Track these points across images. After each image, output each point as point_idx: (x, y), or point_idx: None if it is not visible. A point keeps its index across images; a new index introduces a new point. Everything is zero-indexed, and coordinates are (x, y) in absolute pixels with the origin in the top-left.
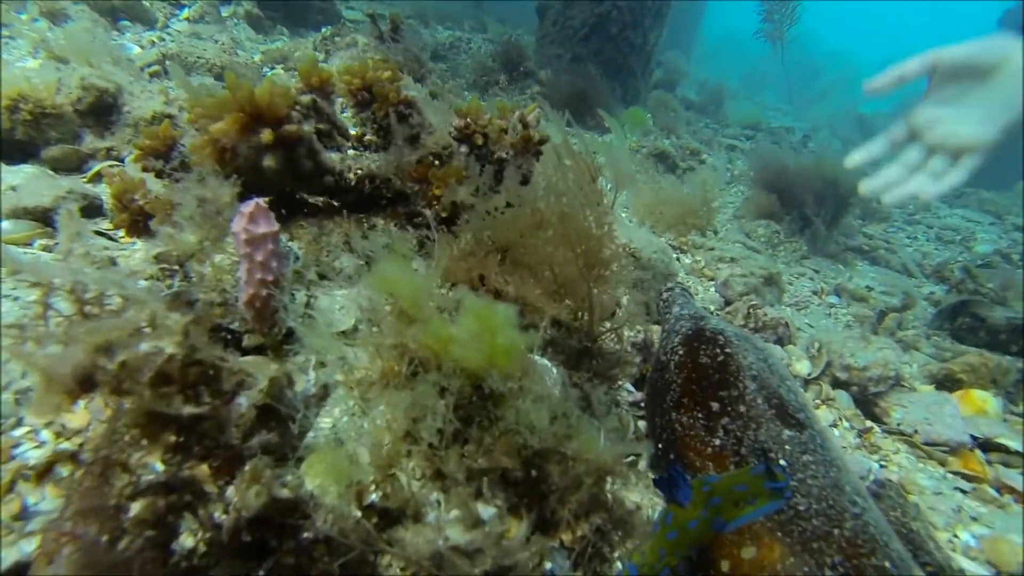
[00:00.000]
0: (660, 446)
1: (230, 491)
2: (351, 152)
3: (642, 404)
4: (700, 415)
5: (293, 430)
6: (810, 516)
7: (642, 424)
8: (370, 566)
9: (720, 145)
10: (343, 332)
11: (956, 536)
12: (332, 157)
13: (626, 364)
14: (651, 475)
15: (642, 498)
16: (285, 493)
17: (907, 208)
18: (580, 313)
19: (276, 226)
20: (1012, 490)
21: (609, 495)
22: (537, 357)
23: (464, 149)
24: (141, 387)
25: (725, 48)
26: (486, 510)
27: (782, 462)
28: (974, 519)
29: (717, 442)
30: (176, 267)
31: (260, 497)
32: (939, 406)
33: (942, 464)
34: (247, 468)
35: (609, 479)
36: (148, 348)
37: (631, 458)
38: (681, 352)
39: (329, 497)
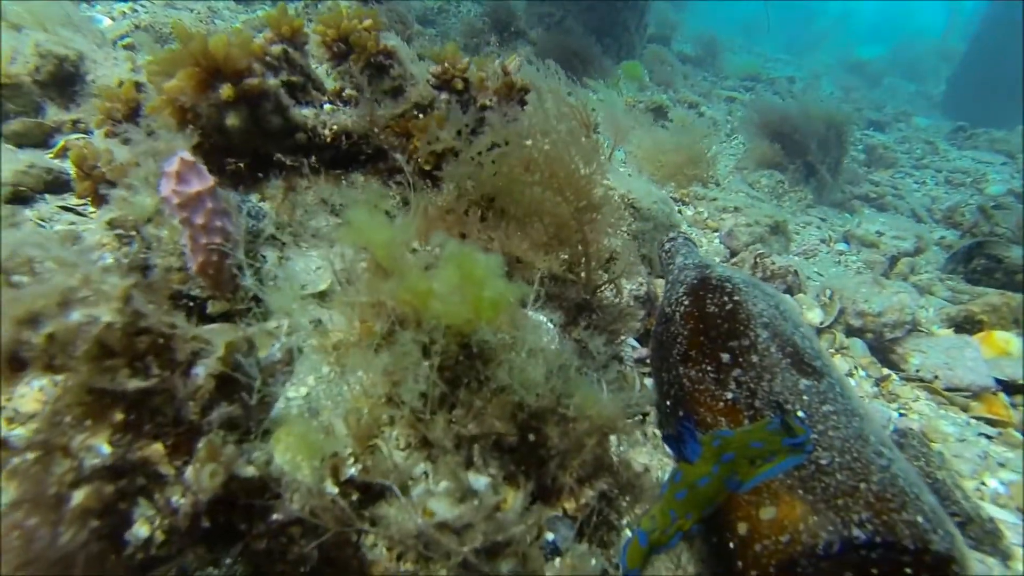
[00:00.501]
0: (668, 403)
1: (189, 472)
2: (327, 107)
3: (647, 360)
4: (710, 368)
5: (251, 401)
6: (833, 471)
7: (648, 381)
8: (352, 547)
9: (719, 97)
10: (320, 294)
11: (984, 484)
12: (304, 113)
13: (628, 317)
14: (659, 433)
15: (651, 459)
16: (250, 471)
17: (914, 152)
18: (575, 263)
19: (210, 180)
20: None
21: (615, 457)
22: (531, 312)
23: (445, 96)
24: (77, 362)
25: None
26: (478, 480)
27: (800, 413)
28: (1001, 465)
29: (729, 395)
30: (133, 233)
31: (217, 477)
32: (959, 350)
33: (965, 410)
34: (201, 446)
35: (614, 438)
36: (80, 317)
37: (638, 417)
38: (687, 302)
39: (301, 473)
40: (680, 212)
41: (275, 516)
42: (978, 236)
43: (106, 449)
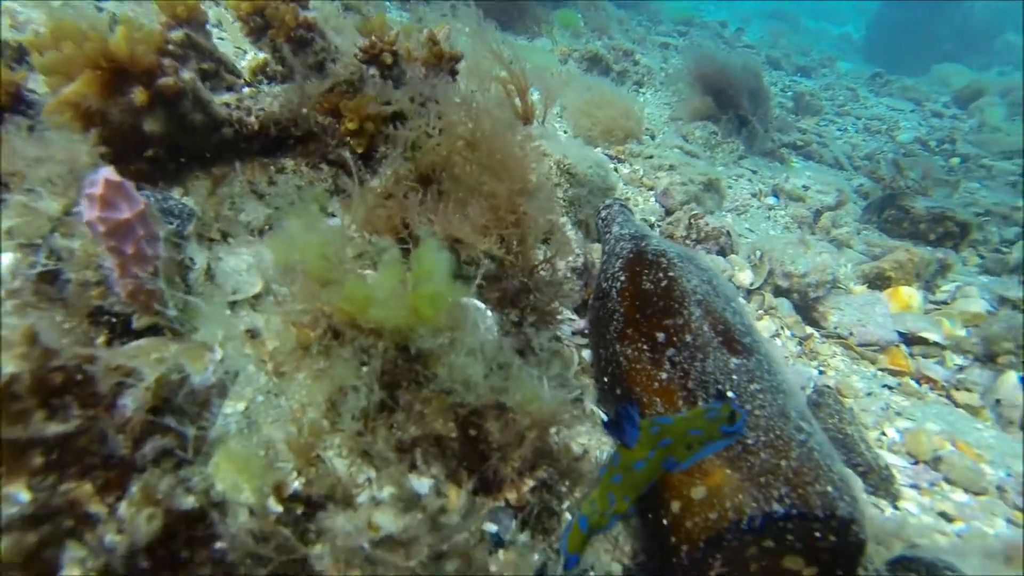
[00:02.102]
0: (606, 380)
1: (123, 508)
2: (246, 90)
3: (585, 332)
4: (645, 347)
5: (188, 433)
6: (758, 449)
7: (586, 354)
8: (299, 564)
9: (653, 44)
10: (254, 296)
11: (884, 434)
12: (226, 99)
13: (566, 297)
14: (596, 411)
15: (589, 439)
16: (190, 502)
17: (837, 99)
18: (512, 243)
19: (140, 202)
20: (930, 380)
21: (555, 444)
22: (471, 300)
23: (373, 71)
24: None
25: None
26: (422, 483)
27: (731, 394)
28: (899, 414)
29: (664, 376)
30: (39, 240)
31: (155, 521)
32: (871, 306)
33: (873, 363)
34: (135, 488)
35: (554, 428)
36: None
37: (576, 393)
38: (623, 278)
39: (244, 495)
40: (616, 170)
41: (218, 545)
42: (892, 188)
43: (25, 496)
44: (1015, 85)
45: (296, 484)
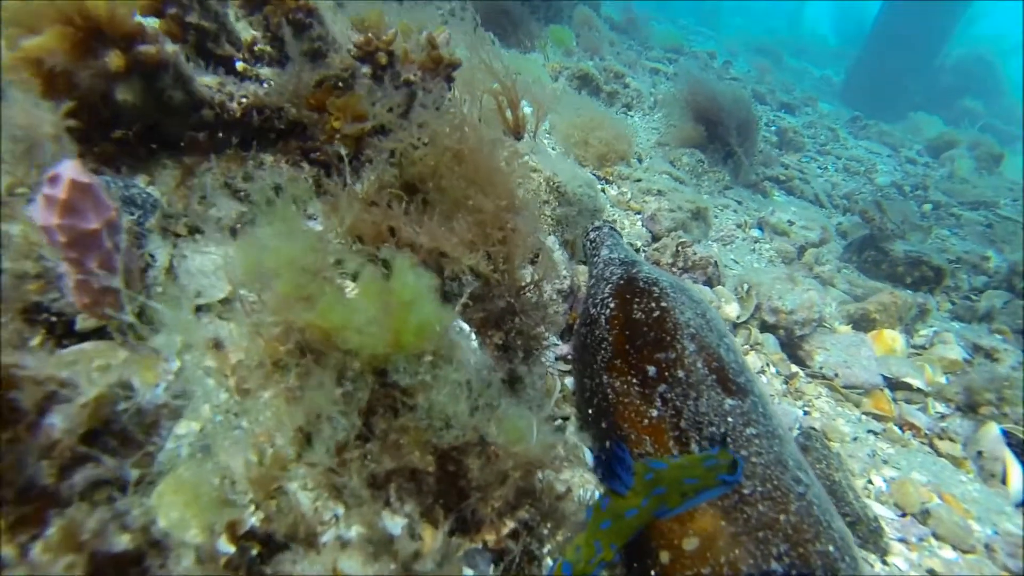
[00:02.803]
0: (591, 412)
1: (37, 550)
2: (239, 65)
3: (569, 358)
4: (635, 380)
5: (128, 475)
6: (755, 501)
7: (569, 382)
8: None
9: (644, 68)
10: (220, 302)
11: (871, 483)
12: (208, 82)
13: (552, 323)
14: (580, 445)
15: (572, 475)
16: (124, 542)
17: (819, 138)
18: (499, 261)
19: (111, 208)
20: (913, 426)
21: (538, 482)
22: (455, 322)
23: (366, 70)
24: None
25: None
26: (394, 523)
27: (724, 441)
28: (885, 462)
29: (655, 413)
30: None
31: (74, 572)
32: (856, 348)
33: (857, 406)
34: (54, 530)
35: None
36: None
37: (558, 422)
38: (612, 305)
39: (190, 534)
40: (604, 191)
41: None
42: (881, 229)
43: None
44: (982, 141)
45: (253, 520)
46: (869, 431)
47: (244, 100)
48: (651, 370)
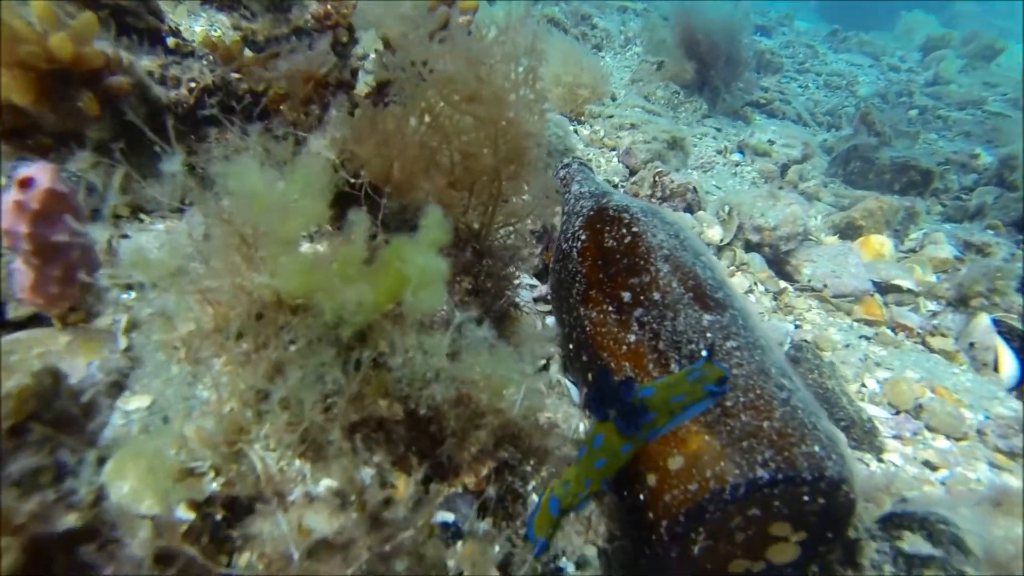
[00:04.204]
0: (571, 346)
1: None
2: (170, 41)
3: (548, 298)
4: (611, 308)
5: (64, 453)
6: (738, 412)
7: (550, 321)
8: None
9: (612, 8)
10: (168, 276)
11: (864, 386)
12: (148, 66)
13: (522, 260)
14: (564, 382)
15: (556, 412)
16: (71, 521)
17: (797, 56)
18: (479, 210)
19: (83, 222)
20: (905, 327)
21: (519, 422)
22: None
23: (324, 46)
24: None
25: None
26: (364, 473)
27: (704, 353)
28: (878, 364)
29: (632, 338)
30: None
31: (7, 556)
32: (844, 256)
33: (848, 314)
34: None
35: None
36: None
37: (541, 362)
38: (584, 237)
39: (145, 505)
40: (576, 132)
41: (109, 570)
42: (868, 134)
43: None
44: (977, 34)
45: (213, 486)
46: (861, 336)
47: (193, 85)
48: (626, 296)
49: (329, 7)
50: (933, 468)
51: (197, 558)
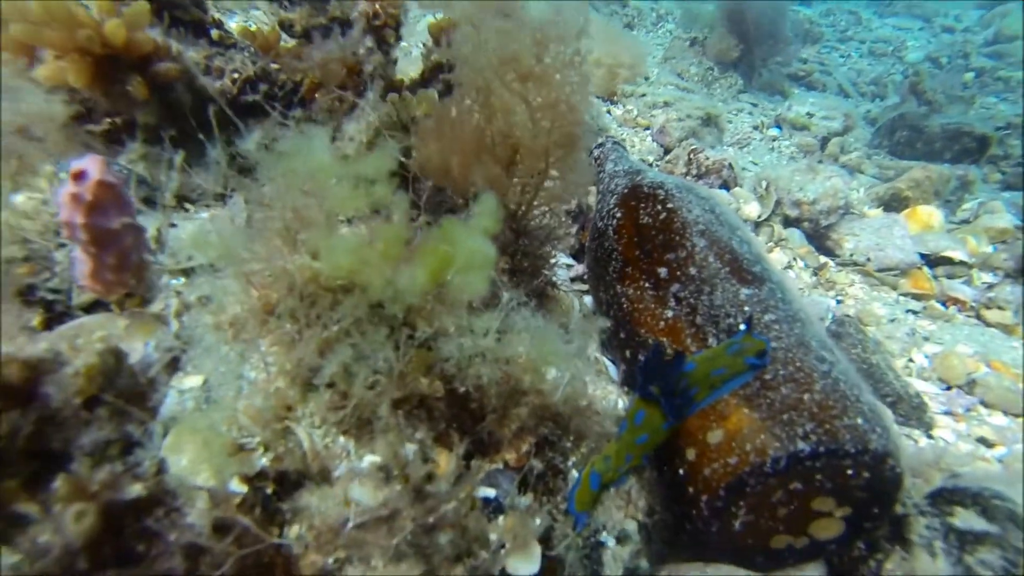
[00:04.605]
0: (609, 324)
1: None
2: (214, 33)
3: (585, 277)
4: (647, 284)
5: (130, 427)
6: (778, 384)
7: (588, 300)
8: (272, 548)
9: None
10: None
11: (911, 361)
12: (194, 57)
13: (557, 240)
14: (603, 360)
15: (594, 388)
16: (137, 490)
17: (839, 25)
18: (517, 190)
19: (132, 208)
20: (956, 300)
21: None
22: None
23: (369, 42)
24: None
25: None
26: (406, 449)
27: (742, 326)
28: (926, 339)
29: (669, 313)
30: None
31: (86, 519)
32: (888, 229)
33: (894, 288)
34: (57, 484)
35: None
36: None
37: (592, 348)
38: (619, 215)
39: (202, 478)
40: (609, 112)
41: (172, 536)
42: (917, 103)
43: None
44: None
45: (263, 461)
46: (908, 311)
47: (236, 75)
48: (662, 272)
49: (378, 7)
50: (989, 445)
51: (251, 528)
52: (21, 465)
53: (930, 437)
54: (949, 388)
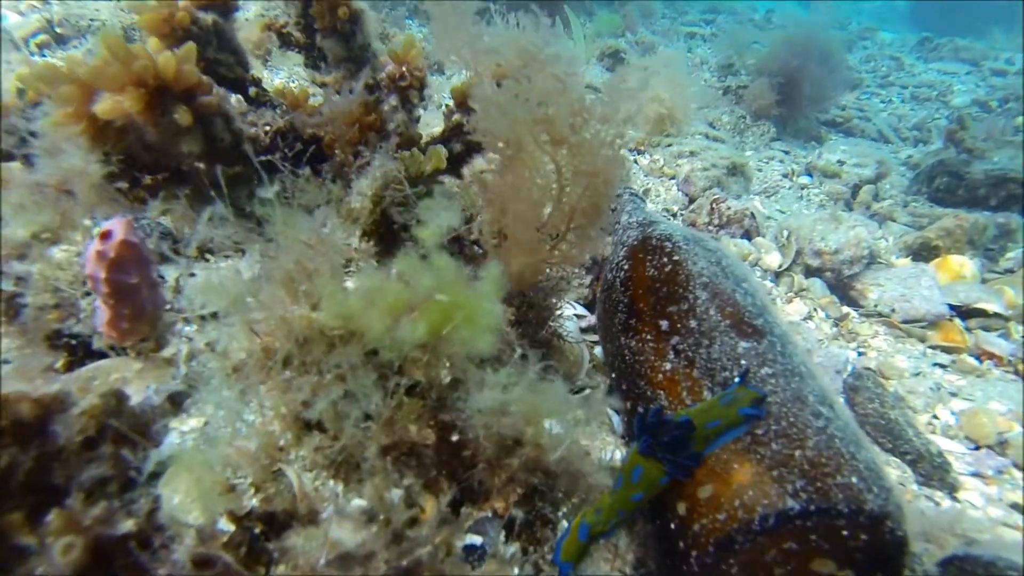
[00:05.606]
0: (614, 375)
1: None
2: (251, 90)
3: (596, 329)
4: (649, 337)
5: (132, 457)
6: (769, 440)
7: (599, 351)
8: None
9: (678, 34)
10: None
11: (936, 417)
12: (234, 105)
13: (562, 292)
14: (608, 410)
15: (593, 440)
16: (128, 526)
17: (880, 70)
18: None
19: (150, 267)
20: (992, 355)
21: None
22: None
23: (394, 101)
24: None
25: None
26: (391, 493)
27: (736, 379)
28: (953, 395)
29: (668, 366)
30: None
31: (73, 551)
32: (916, 279)
33: (922, 340)
34: (51, 518)
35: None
36: None
37: (586, 392)
38: (627, 267)
39: (192, 516)
40: (635, 161)
41: (159, 571)
42: (957, 151)
43: None
44: None
45: (253, 502)
46: (935, 364)
47: (268, 128)
48: (664, 324)
49: (404, 69)
50: None
51: (232, 564)
52: (22, 498)
53: (955, 499)
54: (978, 448)
